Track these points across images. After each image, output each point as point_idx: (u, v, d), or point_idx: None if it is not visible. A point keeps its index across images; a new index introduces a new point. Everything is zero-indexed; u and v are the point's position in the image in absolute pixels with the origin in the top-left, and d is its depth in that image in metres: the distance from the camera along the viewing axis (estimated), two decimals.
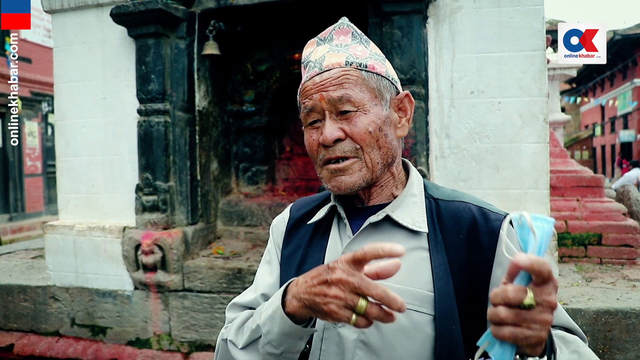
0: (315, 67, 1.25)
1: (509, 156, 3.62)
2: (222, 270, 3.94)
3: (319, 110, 1.22)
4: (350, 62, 1.22)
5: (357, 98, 1.20)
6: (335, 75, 1.21)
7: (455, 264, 1.20)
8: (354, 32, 1.30)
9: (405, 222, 1.24)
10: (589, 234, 4.64)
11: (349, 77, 1.21)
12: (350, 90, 1.20)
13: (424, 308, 1.16)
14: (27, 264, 5.33)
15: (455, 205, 1.27)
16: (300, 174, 4.99)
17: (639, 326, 3.27)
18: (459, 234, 1.22)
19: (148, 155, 4.07)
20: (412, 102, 1.33)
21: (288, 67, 4.69)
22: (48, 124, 16.17)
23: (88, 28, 4.32)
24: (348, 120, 1.20)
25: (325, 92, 1.20)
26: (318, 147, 1.24)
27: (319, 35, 1.32)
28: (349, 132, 1.20)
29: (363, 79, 1.21)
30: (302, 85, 1.28)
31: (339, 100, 1.19)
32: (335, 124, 1.21)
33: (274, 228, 1.48)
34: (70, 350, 4.16)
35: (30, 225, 14.69)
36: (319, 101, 1.21)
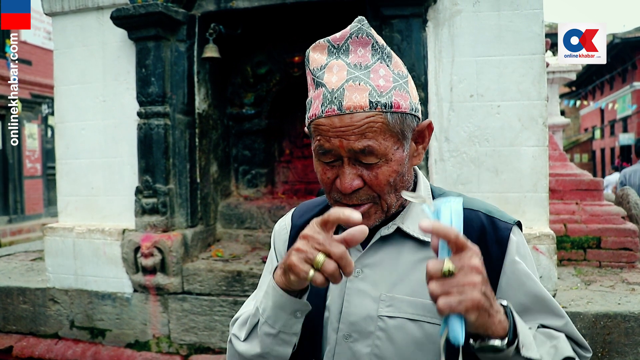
0: (332, 102, 1.10)
1: (508, 159, 3.62)
2: (221, 273, 3.94)
3: (336, 154, 1.13)
4: (375, 103, 1.09)
5: (381, 149, 1.10)
6: (358, 124, 1.08)
7: None
8: (374, 43, 1.15)
9: (415, 232, 1.21)
10: (588, 237, 4.64)
11: (373, 125, 1.09)
12: (374, 141, 1.09)
13: (436, 319, 1.14)
14: (26, 266, 5.33)
15: (465, 213, 1.20)
16: (300, 177, 5.00)
17: (637, 330, 3.28)
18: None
19: (148, 158, 4.07)
20: (431, 129, 1.25)
21: (288, 70, 4.69)
22: (48, 126, 16.17)
23: (88, 31, 4.33)
24: (368, 168, 1.13)
25: (346, 141, 1.10)
26: (332, 185, 1.17)
27: (332, 40, 1.17)
28: (368, 181, 1.13)
29: (387, 125, 1.10)
30: (312, 114, 1.15)
31: (361, 152, 1.10)
32: (354, 171, 1.13)
33: (276, 236, 1.43)
34: (70, 352, 4.16)
35: (30, 227, 14.68)
36: (337, 147, 1.11)
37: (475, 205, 1.26)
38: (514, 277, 1.19)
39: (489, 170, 3.65)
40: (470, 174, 3.66)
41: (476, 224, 1.21)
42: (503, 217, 1.23)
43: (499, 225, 1.21)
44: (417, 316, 1.16)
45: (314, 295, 1.24)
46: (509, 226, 1.21)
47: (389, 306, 1.18)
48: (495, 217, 1.23)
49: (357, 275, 1.23)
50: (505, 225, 1.21)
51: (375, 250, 1.23)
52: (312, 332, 1.25)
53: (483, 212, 1.24)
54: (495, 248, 1.19)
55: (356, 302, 1.21)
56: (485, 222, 1.21)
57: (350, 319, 1.21)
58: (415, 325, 1.16)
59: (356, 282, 1.22)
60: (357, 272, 1.22)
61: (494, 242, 1.19)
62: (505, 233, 1.20)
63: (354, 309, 1.21)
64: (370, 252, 1.23)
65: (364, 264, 1.23)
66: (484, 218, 1.22)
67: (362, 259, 1.23)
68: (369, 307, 1.19)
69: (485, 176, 3.65)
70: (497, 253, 1.19)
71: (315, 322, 1.25)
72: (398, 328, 1.17)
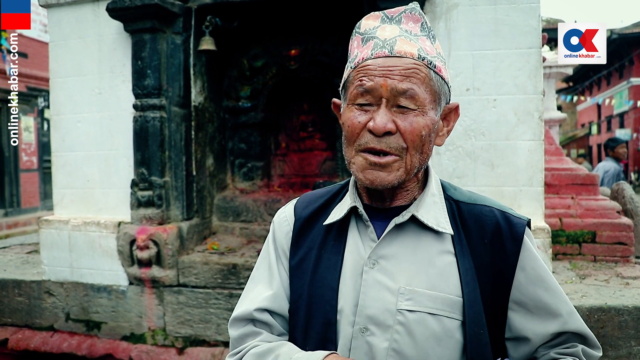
0: (384, 47, 1.15)
1: (504, 153, 3.63)
2: (217, 266, 3.95)
3: (376, 94, 1.13)
4: (423, 57, 1.14)
5: (421, 97, 1.13)
6: (406, 66, 1.12)
7: (480, 269, 1.19)
8: (424, 22, 1.21)
9: (430, 222, 1.20)
10: (584, 231, 4.65)
11: (419, 73, 1.13)
12: (417, 86, 1.12)
13: (454, 314, 1.16)
14: (22, 258, 5.32)
15: (478, 208, 1.25)
16: (296, 170, 5.00)
17: (631, 323, 3.29)
18: (484, 238, 1.21)
19: (144, 151, 4.06)
20: (457, 115, 1.29)
21: (284, 64, 4.68)
22: (44, 119, 16.11)
23: (84, 23, 4.31)
24: (404, 115, 1.13)
25: (390, 80, 1.11)
26: (362, 130, 1.15)
27: (386, 12, 1.22)
28: (401, 128, 1.13)
29: (430, 79, 1.15)
30: (360, 59, 1.17)
31: (403, 94, 1.12)
32: (390, 115, 1.13)
33: (277, 231, 1.38)
34: (65, 345, 4.16)
35: (26, 221, 14.66)
36: (380, 86, 1.12)
37: (488, 201, 1.28)
38: (534, 273, 1.21)
39: (485, 164, 3.65)
40: (466, 167, 3.66)
41: (491, 219, 1.23)
42: (516, 214, 1.25)
43: (514, 221, 1.22)
44: (437, 310, 1.16)
45: (325, 286, 1.23)
46: (522, 222, 1.23)
47: (409, 299, 1.16)
48: (508, 213, 1.24)
49: (372, 266, 1.20)
50: (520, 222, 1.23)
51: (391, 240, 1.21)
52: (325, 325, 1.22)
53: (497, 208, 1.25)
54: (510, 243, 1.20)
55: (373, 294, 1.18)
56: (500, 218, 1.23)
57: (367, 312, 1.18)
58: (435, 319, 1.15)
59: (372, 273, 1.20)
60: (372, 263, 1.20)
61: (508, 237, 1.20)
62: (521, 229, 1.21)
63: (370, 302, 1.18)
64: (385, 242, 1.21)
65: (380, 255, 1.21)
66: (498, 214, 1.23)
67: (377, 250, 1.21)
68: (387, 300, 1.17)
69: (481, 170, 3.65)
70: (512, 248, 1.20)
71: (328, 315, 1.22)
72: (418, 322, 1.15)
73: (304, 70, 4.62)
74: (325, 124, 4.80)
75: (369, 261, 1.20)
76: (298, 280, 1.29)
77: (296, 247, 1.32)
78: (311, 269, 1.27)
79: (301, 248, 1.31)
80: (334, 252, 1.26)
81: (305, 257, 1.30)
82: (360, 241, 1.25)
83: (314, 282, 1.25)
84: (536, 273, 1.21)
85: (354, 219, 1.28)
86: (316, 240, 1.30)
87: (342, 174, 4.65)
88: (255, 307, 1.29)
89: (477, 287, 1.17)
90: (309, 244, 1.31)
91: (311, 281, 1.26)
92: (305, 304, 1.26)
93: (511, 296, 1.21)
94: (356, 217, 1.28)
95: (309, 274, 1.27)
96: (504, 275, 1.20)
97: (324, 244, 1.28)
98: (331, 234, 1.28)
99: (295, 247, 1.32)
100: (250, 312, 1.29)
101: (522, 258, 1.20)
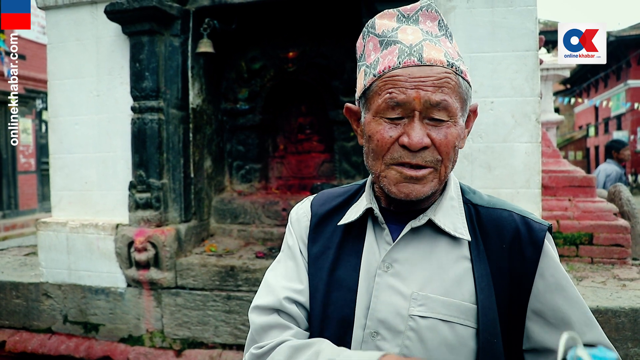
0: (411, 55, 1.09)
1: (501, 156, 3.64)
2: (215, 268, 3.95)
3: (408, 108, 1.08)
4: (451, 63, 1.09)
5: (453, 107, 1.09)
6: (438, 76, 1.07)
7: (497, 275, 1.15)
8: (440, 20, 1.16)
9: (447, 227, 1.17)
10: (581, 233, 4.66)
11: (450, 82, 1.08)
12: (449, 97, 1.08)
13: (468, 321, 1.12)
14: (19, 261, 5.32)
15: (497, 213, 1.21)
16: (294, 172, 5.00)
17: (628, 325, 3.30)
18: (502, 243, 1.17)
19: (141, 153, 4.07)
20: (476, 115, 1.25)
21: (282, 66, 4.69)
22: (42, 121, 16.10)
23: (82, 25, 4.31)
24: (437, 128, 1.09)
25: (423, 92, 1.06)
26: (392, 145, 1.11)
27: (402, 10, 1.16)
28: (436, 141, 1.09)
29: (459, 86, 1.11)
30: (385, 67, 1.11)
31: (436, 106, 1.07)
32: (424, 129, 1.09)
33: (295, 223, 1.35)
34: (63, 347, 4.16)
35: (24, 223, 14.64)
36: (413, 99, 1.07)
37: (507, 205, 1.24)
38: (554, 281, 1.16)
39: (482, 166, 3.66)
40: (463, 169, 3.67)
41: (510, 224, 1.19)
42: (536, 219, 1.21)
43: (534, 227, 1.18)
44: (450, 317, 1.12)
45: (344, 288, 1.21)
46: (543, 227, 1.18)
47: (422, 305, 1.13)
48: (528, 217, 1.20)
49: (386, 270, 1.18)
50: (540, 227, 1.18)
51: (406, 244, 1.19)
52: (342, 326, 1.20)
53: (517, 212, 1.21)
54: (530, 249, 1.16)
55: (385, 298, 1.16)
56: (520, 222, 1.19)
57: (378, 316, 1.16)
58: (448, 326, 1.12)
59: (385, 277, 1.17)
60: (386, 267, 1.18)
61: (528, 243, 1.16)
62: (541, 235, 1.17)
63: (382, 306, 1.16)
64: (400, 245, 1.18)
65: (394, 259, 1.18)
66: (518, 219, 1.19)
67: (391, 253, 1.18)
68: (399, 305, 1.15)
69: (479, 172, 3.66)
70: (532, 255, 1.16)
71: (347, 317, 1.19)
72: (430, 329, 1.12)
73: (302, 73, 4.63)
74: (323, 126, 4.81)
75: (383, 264, 1.18)
76: (312, 276, 1.27)
77: (313, 241, 1.31)
78: (329, 267, 1.25)
79: (316, 244, 1.29)
80: (353, 253, 1.24)
81: (321, 254, 1.27)
82: (375, 244, 1.22)
83: (332, 282, 1.23)
84: (556, 281, 1.16)
85: (370, 221, 1.26)
86: (333, 239, 1.27)
87: (339, 176, 4.66)
88: (285, 296, 1.23)
89: (492, 294, 1.14)
90: (324, 242, 1.29)
91: (329, 281, 1.23)
92: (321, 304, 1.23)
93: (529, 305, 1.16)
94: (373, 219, 1.25)
95: (325, 273, 1.25)
96: (522, 283, 1.16)
97: (343, 245, 1.26)
98: (350, 235, 1.26)
99: (313, 240, 1.31)
100: (280, 300, 1.23)
101: (542, 265, 1.16)
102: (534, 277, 1.15)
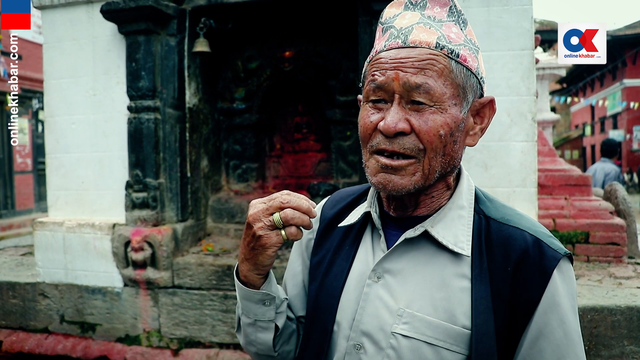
0: (398, 37, 1.04)
1: (497, 154, 3.65)
2: (211, 267, 3.95)
3: (388, 90, 1.03)
4: (442, 45, 1.02)
5: (438, 92, 1.01)
6: (420, 57, 1.01)
7: (498, 298, 1.03)
8: (452, 6, 1.08)
9: (445, 240, 1.08)
10: (577, 232, 4.68)
11: (435, 64, 1.01)
12: (433, 80, 1.00)
13: (457, 347, 1.02)
14: (16, 260, 5.31)
15: (509, 231, 1.08)
16: (291, 172, 5.00)
17: (624, 323, 3.31)
18: (507, 265, 1.04)
19: (138, 152, 4.06)
20: (493, 110, 1.14)
21: (278, 65, 4.69)
22: (38, 121, 16.08)
23: (78, 24, 4.31)
24: (419, 113, 1.01)
25: (402, 73, 1.01)
26: (374, 131, 1.05)
27: None
28: (416, 127, 1.01)
29: (450, 71, 1.02)
30: (374, 52, 1.09)
31: (416, 88, 1.00)
32: (402, 113, 1.02)
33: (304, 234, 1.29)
34: (60, 347, 4.15)
35: (20, 223, 14.61)
36: (392, 80, 1.01)
37: (523, 223, 1.10)
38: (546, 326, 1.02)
39: (478, 165, 3.67)
40: None
41: (519, 244, 1.05)
42: (553, 244, 1.05)
43: (547, 253, 1.03)
44: (435, 340, 1.03)
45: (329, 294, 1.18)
46: (557, 256, 1.03)
47: (406, 323, 1.05)
48: (543, 240, 1.05)
49: (376, 280, 1.11)
50: (554, 254, 1.03)
51: (401, 254, 1.11)
52: (322, 334, 1.16)
53: (530, 232, 1.07)
54: (535, 277, 1.02)
55: (371, 310, 1.10)
56: (531, 244, 1.05)
57: (362, 328, 1.10)
58: (432, 349, 1.03)
59: (375, 287, 1.11)
60: (377, 277, 1.11)
61: (536, 270, 1.02)
62: (552, 263, 1.02)
63: (367, 318, 1.10)
64: (394, 255, 1.11)
65: (386, 269, 1.11)
66: (529, 239, 1.05)
67: (383, 262, 1.12)
68: (384, 320, 1.08)
69: (475, 171, 3.67)
70: (538, 283, 1.02)
71: (326, 325, 1.16)
72: (412, 350, 1.04)
73: (299, 72, 4.63)
74: (320, 125, 4.81)
75: (374, 274, 1.12)
76: (314, 282, 1.24)
77: (318, 248, 1.27)
78: (323, 272, 1.21)
79: (321, 250, 1.26)
80: (344, 257, 1.19)
81: (322, 259, 1.24)
82: (371, 250, 1.16)
83: (322, 287, 1.20)
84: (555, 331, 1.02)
85: (370, 225, 1.20)
86: (334, 241, 1.24)
87: (336, 175, 4.66)
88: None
89: (491, 319, 1.02)
90: (327, 246, 1.25)
91: (320, 285, 1.20)
92: (311, 309, 1.21)
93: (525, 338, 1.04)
94: (372, 224, 1.19)
95: (320, 278, 1.21)
96: (522, 311, 1.03)
97: (339, 248, 1.21)
98: (348, 238, 1.21)
99: (317, 247, 1.27)
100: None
101: (546, 299, 1.01)
102: (535, 308, 1.02)
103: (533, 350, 1.02)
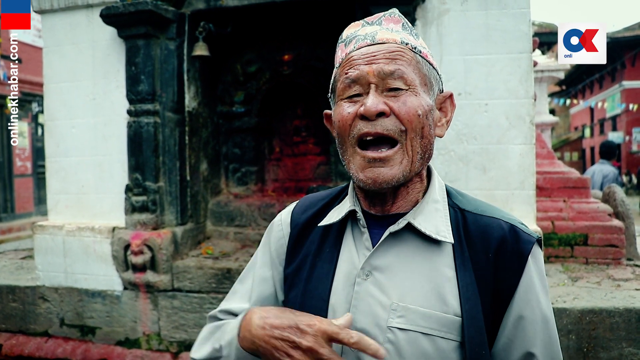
0: (365, 39, 1.13)
1: (496, 157, 3.66)
2: (211, 270, 3.95)
3: (363, 82, 1.09)
4: (406, 42, 1.12)
5: (410, 77, 1.09)
6: (390, 49, 1.10)
7: (482, 284, 1.09)
8: (404, 23, 1.18)
9: (428, 230, 1.12)
10: (576, 234, 4.69)
11: (404, 55, 1.10)
12: (404, 67, 1.09)
13: (450, 334, 1.07)
14: (16, 264, 5.31)
15: (485, 220, 1.15)
16: (290, 175, 5.01)
17: (622, 325, 3.32)
18: (487, 252, 1.11)
19: (138, 156, 4.07)
20: (453, 105, 1.23)
21: (278, 69, 4.71)
22: (38, 124, 16.06)
23: (78, 28, 4.32)
24: (396, 97, 1.08)
25: (375, 65, 1.08)
26: (353, 120, 1.10)
27: (366, 19, 1.21)
28: (395, 109, 1.07)
29: (417, 62, 1.12)
30: (344, 55, 1.15)
31: (391, 75, 1.08)
32: (380, 98, 1.08)
33: (273, 239, 1.32)
34: (60, 350, 4.16)
35: (20, 226, 14.58)
36: (366, 73, 1.08)
37: (497, 212, 1.18)
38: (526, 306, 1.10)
39: (477, 168, 3.68)
40: (458, 171, 3.69)
41: (496, 232, 1.13)
42: (526, 230, 1.15)
43: (522, 237, 1.12)
44: (430, 330, 1.07)
45: (316, 297, 1.17)
46: (532, 239, 1.13)
47: (401, 317, 1.08)
48: (518, 227, 1.14)
49: (365, 277, 1.13)
50: (528, 238, 1.13)
51: (386, 250, 1.13)
52: None
53: (505, 220, 1.15)
54: (514, 261, 1.11)
55: (364, 308, 1.11)
56: (507, 230, 1.13)
57: (357, 326, 1.10)
58: (428, 339, 1.06)
59: (365, 285, 1.12)
60: (365, 274, 1.13)
61: (514, 253, 1.11)
62: (528, 246, 1.12)
63: (360, 316, 1.11)
64: (379, 252, 1.13)
65: (373, 266, 1.13)
66: (505, 227, 1.13)
67: (371, 260, 1.13)
68: (379, 316, 1.10)
69: (473, 174, 3.68)
70: (516, 266, 1.10)
71: None
72: (409, 342, 1.07)
73: (298, 76, 4.64)
74: (319, 128, 4.82)
75: (362, 272, 1.13)
76: (294, 289, 1.23)
77: (293, 255, 1.27)
78: (305, 278, 1.21)
79: (298, 256, 1.26)
80: (328, 259, 1.19)
81: (301, 265, 1.24)
82: (355, 249, 1.18)
83: (307, 292, 1.19)
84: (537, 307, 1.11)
85: (350, 225, 1.22)
86: (312, 246, 1.24)
87: (335, 178, 4.67)
88: (220, 309, 1.32)
89: (478, 304, 1.08)
90: (305, 251, 1.25)
91: (304, 291, 1.20)
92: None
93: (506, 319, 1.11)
94: (353, 223, 1.21)
95: (302, 284, 1.21)
96: (504, 294, 1.10)
97: (320, 251, 1.22)
98: (327, 240, 1.22)
99: (292, 254, 1.27)
100: (215, 313, 1.32)
101: (524, 280, 1.10)
102: (515, 290, 1.10)
103: (517, 330, 1.10)
